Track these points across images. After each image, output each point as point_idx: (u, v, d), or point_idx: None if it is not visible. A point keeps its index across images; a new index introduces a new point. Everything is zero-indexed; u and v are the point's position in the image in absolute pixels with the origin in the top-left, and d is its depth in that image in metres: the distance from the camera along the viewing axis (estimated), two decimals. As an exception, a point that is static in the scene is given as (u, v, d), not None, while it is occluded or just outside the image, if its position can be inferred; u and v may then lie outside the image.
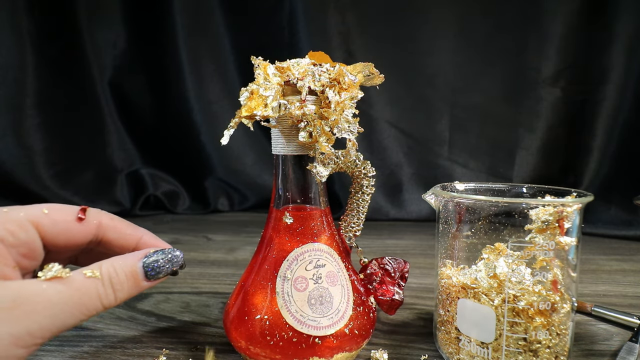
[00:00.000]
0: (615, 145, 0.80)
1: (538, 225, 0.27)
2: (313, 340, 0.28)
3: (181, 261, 0.27)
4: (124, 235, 0.28)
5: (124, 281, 0.24)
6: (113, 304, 0.24)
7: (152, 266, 0.25)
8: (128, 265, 0.24)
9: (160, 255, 0.26)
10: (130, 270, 0.24)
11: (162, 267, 0.26)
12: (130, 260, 0.25)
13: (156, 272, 0.25)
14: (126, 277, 0.24)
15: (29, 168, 0.90)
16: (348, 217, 0.35)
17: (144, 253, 0.26)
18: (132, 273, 0.24)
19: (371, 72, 0.30)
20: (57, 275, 0.22)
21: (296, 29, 0.89)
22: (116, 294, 0.24)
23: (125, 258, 0.25)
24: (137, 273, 0.25)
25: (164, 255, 0.26)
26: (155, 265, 0.25)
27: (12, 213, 0.24)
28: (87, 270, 0.23)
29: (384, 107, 0.90)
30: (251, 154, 1.00)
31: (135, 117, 1.00)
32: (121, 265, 0.24)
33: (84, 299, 0.22)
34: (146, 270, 0.25)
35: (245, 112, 0.26)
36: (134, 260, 0.25)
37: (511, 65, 0.85)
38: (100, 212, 0.28)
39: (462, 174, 0.89)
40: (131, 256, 0.25)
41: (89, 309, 0.22)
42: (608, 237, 0.74)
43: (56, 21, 0.89)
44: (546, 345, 0.28)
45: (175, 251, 0.27)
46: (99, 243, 0.28)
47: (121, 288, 0.24)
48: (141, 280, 0.25)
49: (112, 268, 0.24)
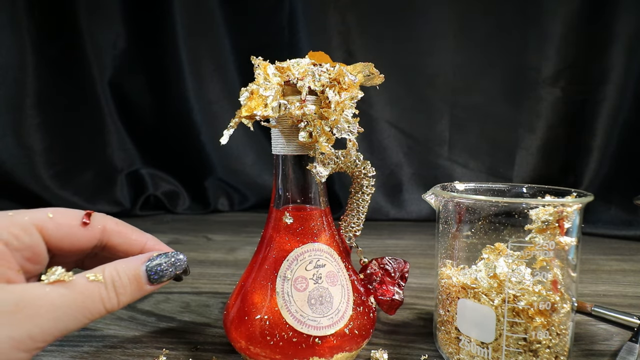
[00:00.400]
0: (615, 145, 0.80)
1: (538, 225, 0.27)
2: (313, 340, 0.28)
3: (184, 265, 0.27)
4: (129, 241, 0.28)
5: (127, 285, 0.24)
6: (116, 307, 0.24)
7: (155, 270, 0.25)
8: (131, 268, 0.24)
9: (164, 259, 0.26)
10: (134, 274, 0.24)
11: (166, 271, 0.26)
12: (134, 264, 0.25)
13: (159, 275, 0.25)
14: (129, 281, 0.24)
15: (29, 168, 0.90)
16: (348, 217, 0.35)
17: (147, 257, 0.26)
18: (135, 277, 0.24)
19: (371, 72, 0.30)
20: (60, 278, 0.22)
21: (296, 29, 0.89)
22: (119, 297, 0.24)
23: (128, 262, 0.25)
24: (140, 277, 0.25)
25: (167, 258, 0.26)
26: (158, 269, 0.25)
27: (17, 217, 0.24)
28: (89, 273, 0.23)
29: (384, 107, 0.90)
30: (251, 154, 1.00)
31: (135, 117, 1.00)
32: (124, 269, 0.24)
33: (87, 302, 0.22)
34: (149, 273, 0.25)
35: (245, 112, 0.26)
36: (137, 264, 0.25)
37: (511, 65, 0.85)
38: (105, 216, 0.28)
39: (462, 174, 0.89)
40: (134, 260, 0.25)
41: (92, 313, 0.22)
42: (608, 237, 0.74)
43: (56, 21, 0.89)
44: (546, 345, 0.28)
45: (179, 255, 0.27)
46: (103, 248, 0.28)
47: (124, 292, 0.24)
48: (144, 284, 0.25)
49: (115, 272, 0.24)
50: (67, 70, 0.92)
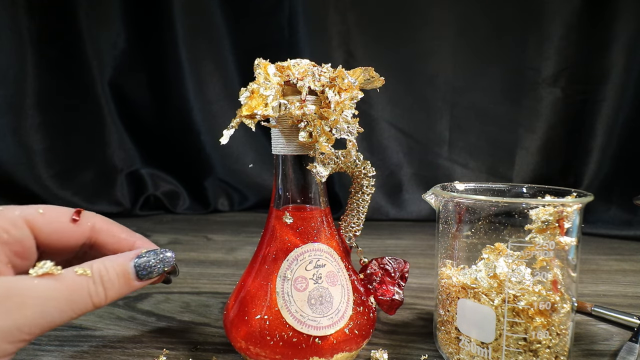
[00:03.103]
0: (615, 145, 0.80)
1: (538, 225, 0.27)
2: (313, 340, 0.28)
3: (172, 262, 0.27)
4: (117, 239, 0.28)
5: (115, 280, 0.24)
6: (103, 302, 0.24)
7: (143, 266, 0.25)
8: (119, 264, 0.25)
9: (152, 256, 0.26)
10: (122, 270, 0.24)
11: (154, 267, 0.26)
12: (122, 260, 0.25)
13: (148, 271, 0.25)
14: (117, 276, 0.24)
15: (29, 168, 0.90)
16: (348, 217, 0.35)
17: (135, 253, 0.26)
18: (124, 272, 0.25)
19: (371, 75, 0.29)
20: (49, 271, 0.22)
21: (296, 29, 0.89)
22: (107, 292, 0.24)
23: (117, 257, 0.25)
24: (128, 272, 0.25)
25: (156, 255, 0.26)
26: (146, 265, 0.25)
27: (7, 211, 0.24)
28: (78, 268, 0.23)
29: (384, 107, 0.90)
30: (251, 154, 1.00)
31: (135, 117, 1.00)
32: (112, 264, 0.24)
33: (74, 296, 0.22)
34: (137, 269, 0.25)
35: (245, 111, 0.26)
36: (125, 260, 0.25)
37: (511, 65, 0.85)
38: (95, 215, 0.28)
39: (462, 174, 0.89)
40: (123, 256, 0.25)
41: (79, 307, 0.23)
42: (608, 237, 0.74)
43: (56, 21, 0.89)
44: (546, 345, 0.28)
45: (167, 252, 0.27)
46: (92, 246, 0.28)
47: (112, 287, 0.24)
48: (132, 279, 0.25)
49: (103, 267, 0.24)
50: (67, 70, 0.92)
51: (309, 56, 0.41)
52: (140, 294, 0.47)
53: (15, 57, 0.87)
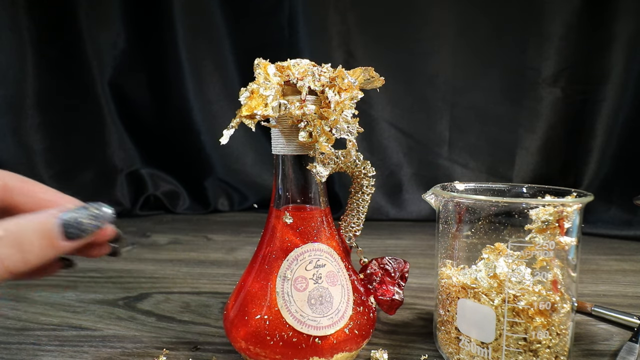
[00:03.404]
0: (615, 145, 0.80)
1: (538, 225, 0.27)
2: (313, 340, 0.28)
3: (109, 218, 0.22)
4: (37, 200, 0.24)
5: (35, 240, 0.20)
6: (22, 267, 0.20)
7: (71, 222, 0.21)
8: (40, 222, 0.20)
9: (82, 211, 0.22)
10: (43, 228, 0.20)
11: (87, 225, 0.21)
12: (43, 217, 0.21)
13: (78, 229, 0.21)
14: (37, 236, 0.20)
15: (29, 168, 0.90)
16: (348, 217, 0.35)
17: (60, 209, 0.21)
18: (45, 231, 0.20)
19: (371, 75, 0.29)
20: None
21: (296, 29, 0.89)
22: (25, 255, 0.20)
23: (36, 214, 0.21)
24: (51, 230, 0.20)
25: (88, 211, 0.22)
26: (75, 222, 0.21)
27: None
28: None
29: (384, 107, 0.90)
30: (251, 154, 1.00)
31: (135, 117, 1.00)
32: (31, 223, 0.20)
33: None
34: (65, 226, 0.21)
35: (245, 111, 0.26)
36: (47, 216, 0.21)
37: (511, 65, 0.85)
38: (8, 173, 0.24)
39: (462, 174, 0.89)
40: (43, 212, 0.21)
41: None
42: (608, 237, 0.74)
43: (56, 21, 0.89)
44: (546, 345, 0.28)
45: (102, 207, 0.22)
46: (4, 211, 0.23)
47: (31, 249, 0.20)
48: (58, 239, 0.21)
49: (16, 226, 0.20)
50: (67, 70, 0.92)
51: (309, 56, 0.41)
52: (140, 294, 0.47)
53: (15, 57, 0.87)
